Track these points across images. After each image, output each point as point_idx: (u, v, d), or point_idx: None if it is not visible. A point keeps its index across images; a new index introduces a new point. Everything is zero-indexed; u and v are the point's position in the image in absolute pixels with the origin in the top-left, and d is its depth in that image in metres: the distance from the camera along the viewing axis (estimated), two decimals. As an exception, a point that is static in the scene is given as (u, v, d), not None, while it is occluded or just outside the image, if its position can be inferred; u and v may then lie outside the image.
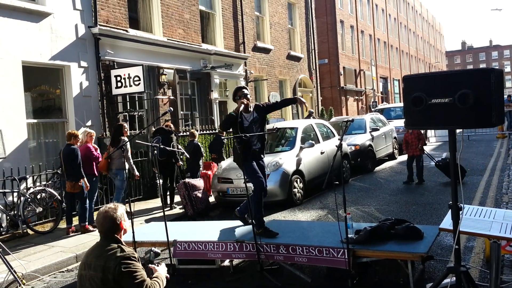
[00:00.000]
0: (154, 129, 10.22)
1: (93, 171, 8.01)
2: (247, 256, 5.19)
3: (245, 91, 5.83)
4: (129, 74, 10.59)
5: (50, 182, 8.62)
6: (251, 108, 5.81)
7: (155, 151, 5.99)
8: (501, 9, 47.99)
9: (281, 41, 20.24)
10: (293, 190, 9.01)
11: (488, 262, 4.52)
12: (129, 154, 8.59)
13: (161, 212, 5.63)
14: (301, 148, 9.70)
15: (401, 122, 13.58)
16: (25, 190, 7.95)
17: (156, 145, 6.14)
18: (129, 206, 4.57)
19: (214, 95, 14.85)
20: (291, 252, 4.88)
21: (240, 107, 5.64)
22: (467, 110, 3.10)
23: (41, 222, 8.29)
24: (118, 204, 3.25)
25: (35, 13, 9.38)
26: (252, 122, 5.74)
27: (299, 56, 21.85)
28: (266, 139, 6.18)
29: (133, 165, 8.68)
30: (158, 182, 7.15)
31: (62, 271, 6.20)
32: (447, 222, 4.16)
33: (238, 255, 5.25)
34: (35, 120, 9.59)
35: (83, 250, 6.48)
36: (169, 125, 9.98)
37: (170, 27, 13.24)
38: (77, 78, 10.20)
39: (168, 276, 3.27)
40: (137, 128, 11.79)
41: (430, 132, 19.96)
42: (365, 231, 4.76)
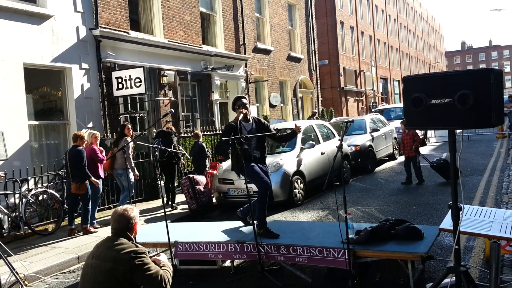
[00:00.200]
0: (155, 132, 10.28)
1: (98, 173, 8.03)
2: (248, 257, 5.20)
3: (244, 101, 5.90)
4: (130, 76, 10.64)
5: (52, 184, 8.65)
6: (250, 117, 5.89)
7: (156, 152, 6.03)
8: (501, 9, 48.05)
9: (282, 42, 20.27)
10: (294, 191, 9.03)
11: (488, 262, 4.54)
12: (130, 154, 8.62)
13: (162, 213, 5.64)
14: (302, 149, 9.72)
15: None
16: (27, 192, 7.96)
17: (157, 146, 6.17)
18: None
19: (215, 96, 14.87)
20: (292, 253, 4.89)
21: (239, 116, 5.69)
22: (467, 111, 3.12)
23: (43, 224, 8.31)
24: (134, 207, 3.39)
25: (37, 16, 9.42)
26: (250, 133, 5.78)
27: (300, 57, 21.88)
28: (266, 148, 6.18)
29: (133, 166, 8.71)
30: (160, 183, 7.19)
31: (64, 272, 6.22)
32: (447, 222, 4.17)
33: (239, 256, 5.26)
34: (37, 122, 9.62)
35: (85, 251, 6.51)
36: (169, 127, 10.05)
37: (171, 29, 13.28)
38: (79, 80, 10.24)
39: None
40: (138, 130, 11.81)
41: (430, 133, 19.97)
42: (366, 232, 4.77)
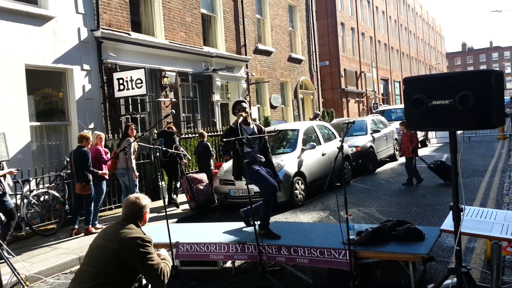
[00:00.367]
0: (157, 132, 10.33)
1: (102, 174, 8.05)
2: (249, 258, 5.20)
3: (244, 105, 5.96)
4: (131, 77, 10.66)
5: (53, 185, 8.65)
6: (250, 121, 5.94)
7: (157, 153, 6.05)
8: (501, 11, 47.90)
9: (282, 44, 20.29)
10: (295, 192, 9.04)
11: (489, 263, 4.54)
12: (132, 155, 8.65)
13: (163, 213, 5.65)
14: (303, 150, 9.73)
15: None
16: (28, 193, 7.98)
17: (159, 147, 6.19)
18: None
19: (216, 98, 14.89)
20: (293, 254, 4.90)
21: (239, 119, 5.72)
22: (468, 112, 3.12)
23: (44, 224, 8.32)
24: (146, 196, 3.49)
25: (38, 17, 9.44)
26: (252, 135, 5.83)
27: (300, 58, 21.90)
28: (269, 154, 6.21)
29: (133, 166, 8.72)
30: (161, 184, 7.20)
31: (66, 273, 6.23)
32: (448, 223, 4.18)
33: (240, 257, 5.27)
34: (38, 123, 9.64)
35: (86, 252, 6.51)
36: (171, 127, 10.11)
37: (172, 30, 13.30)
38: (80, 81, 10.26)
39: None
40: (140, 131, 11.83)
41: (431, 134, 19.98)
42: (367, 233, 4.77)
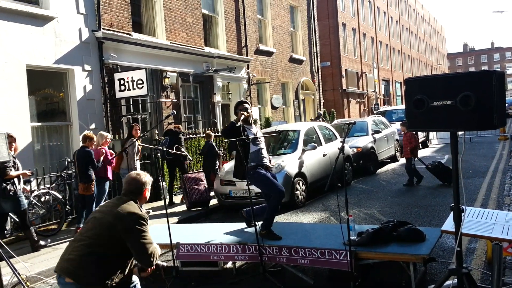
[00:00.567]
0: (164, 131, 10.61)
1: (107, 175, 8.05)
2: (250, 258, 5.20)
3: (246, 105, 5.95)
4: (133, 78, 10.66)
5: (54, 185, 8.66)
6: (252, 121, 5.95)
7: (158, 153, 6.05)
8: (503, 11, 47.88)
9: (284, 44, 20.29)
10: (296, 193, 9.04)
11: (490, 264, 4.54)
12: (136, 155, 8.69)
13: (164, 214, 5.65)
14: (304, 151, 9.73)
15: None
16: (29, 193, 7.98)
17: (159, 148, 6.19)
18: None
19: (217, 98, 14.89)
20: (294, 254, 4.89)
21: (241, 117, 5.71)
22: (469, 112, 3.11)
23: (45, 225, 8.33)
24: (147, 174, 3.52)
25: (39, 17, 9.45)
26: (256, 135, 5.86)
27: (301, 59, 21.90)
28: (268, 149, 6.27)
29: (136, 166, 8.73)
30: (161, 185, 7.21)
31: (66, 273, 6.22)
32: (449, 224, 4.17)
33: (241, 257, 5.27)
34: (39, 124, 9.65)
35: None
36: (177, 126, 10.34)
37: (173, 31, 13.31)
38: (81, 82, 10.26)
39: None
40: (140, 131, 11.82)
41: (432, 134, 19.96)
42: (367, 233, 4.77)
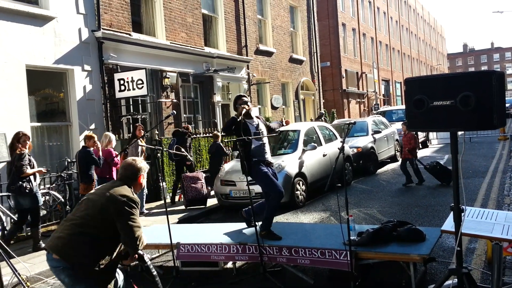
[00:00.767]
0: (173, 131, 10.85)
1: (112, 176, 8.06)
2: (250, 258, 5.21)
3: (245, 99, 5.90)
4: (132, 78, 10.66)
5: (54, 185, 8.66)
6: (253, 114, 5.89)
7: (158, 154, 6.05)
8: (503, 12, 47.88)
9: (284, 44, 20.29)
10: (296, 193, 9.04)
11: (490, 264, 4.54)
12: (139, 155, 8.73)
13: (164, 214, 5.65)
14: (304, 151, 9.73)
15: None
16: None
17: (159, 148, 6.18)
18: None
19: (217, 98, 14.89)
20: (294, 254, 4.90)
21: (242, 111, 5.65)
22: (469, 113, 3.11)
23: (45, 225, 8.32)
24: (144, 161, 3.57)
25: (39, 17, 9.45)
26: (258, 129, 5.80)
27: (301, 59, 21.90)
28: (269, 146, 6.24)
29: None
30: (162, 185, 7.21)
31: (66, 273, 6.22)
32: (449, 224, 4.17)
33: (241, 257, 5.27)
34: (39, 124, 9.65)
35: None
36: (186, 127, 10.39)
37: (173, 31, 13.30)
38: (81, 82, 10.26)
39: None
40: (144, 131, 11.84)
41: (432, 135, 19.97)
42: (368, 233, 4.78)
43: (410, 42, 51.57)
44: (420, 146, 17.83)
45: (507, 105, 30.15)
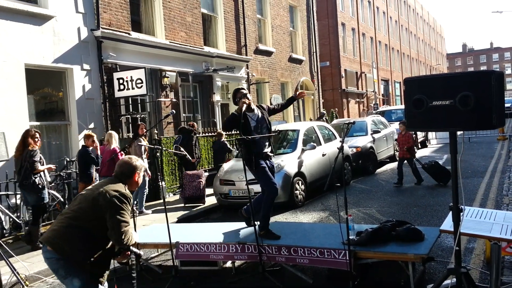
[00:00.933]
0: (178, 128, 10.87)
1: None
2: (249, 258, 5.21)
3: (244, 91, 5.80)
4: (132, 77, 10.66)
5: (53, 185, 8.66)
6: (254, 107, 5.77)
7: (158, 153, 6.05)
8: (502, 12, 47.97)
9: (283, 44, 20.29)
10: (295, 192, 9.04)
11: (489, 264, 4.54)
12: (142, 154, 8.75)
13: (164, 213, 5.65)
14: (303, 150, 9.73)
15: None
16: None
17: (159, 147, 6.18)
18: (132, 209, 4.60)
19: (216, 98, 14.89)
20: (293, 254, 4.90)
21: (243, 107, 5.52)
22: (468, 112, 3.11)
23: (44, 224, 8.29)
24: (140, 159, 3.60)
25: (38, 16, 9.44)
26: (258, 122, 5.70)
27: (301, 59, 21.90)
28: (271, 140, 6.16)
29: (145, 165, 8.80)
30: (161, 184, 7.21)
31: (65, 273, 6.22)
32: (448, 224, 4.18)
33: (240, 257, 5.27)
34: (38, 123, 9.64)
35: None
36: (192, 124, 10.36)
37: (172, 30, 13.30)
38: (80, 81, 10.26)
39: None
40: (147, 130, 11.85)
41: (431, 134, 19.97)
42: (366, 233, 4.78)
43: (410, 42, 51.60)
44: (419, 146, 17.85)
45: (507, 105, 30.20)
